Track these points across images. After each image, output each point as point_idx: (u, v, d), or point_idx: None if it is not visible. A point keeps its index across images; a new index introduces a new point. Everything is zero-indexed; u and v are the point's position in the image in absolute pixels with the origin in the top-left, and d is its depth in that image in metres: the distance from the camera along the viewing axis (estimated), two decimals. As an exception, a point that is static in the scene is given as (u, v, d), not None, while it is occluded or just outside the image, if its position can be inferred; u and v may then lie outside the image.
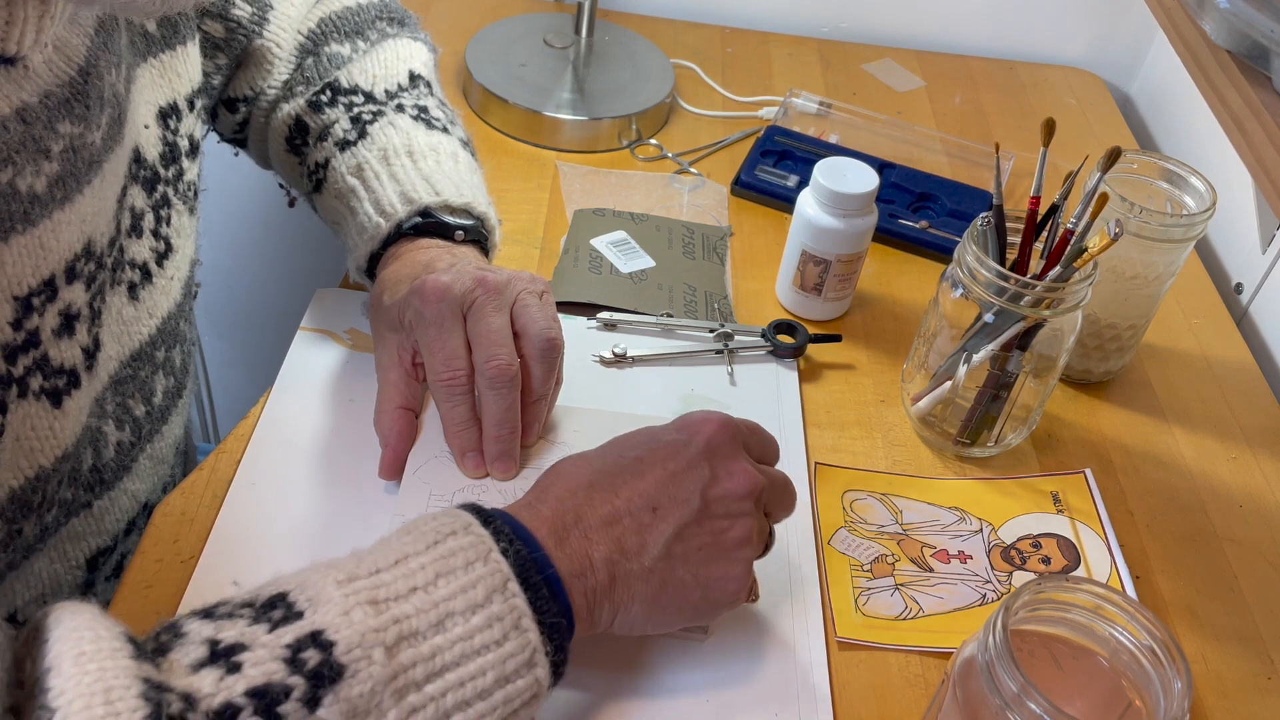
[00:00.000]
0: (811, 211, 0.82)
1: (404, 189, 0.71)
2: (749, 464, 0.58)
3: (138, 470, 0.68)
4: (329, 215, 0.76)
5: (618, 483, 0.55)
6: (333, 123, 0.76)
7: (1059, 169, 1.04)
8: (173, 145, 0.66)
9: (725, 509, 0.56)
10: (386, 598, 0.46)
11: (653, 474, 0.55)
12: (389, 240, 0.71)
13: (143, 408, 0.67)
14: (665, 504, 0.54)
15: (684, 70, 1.13)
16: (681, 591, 0.55)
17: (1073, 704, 0.52)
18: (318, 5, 0.80)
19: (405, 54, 0.80)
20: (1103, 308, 0.81)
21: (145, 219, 0.64)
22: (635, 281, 0.87)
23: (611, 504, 0.54)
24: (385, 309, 0.67)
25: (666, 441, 0.57)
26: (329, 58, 0.78)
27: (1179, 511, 0.77)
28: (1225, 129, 0.84)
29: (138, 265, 0.64)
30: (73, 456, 0.60)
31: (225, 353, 1.52)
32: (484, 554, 0.49)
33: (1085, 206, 0.70)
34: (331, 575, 0.47)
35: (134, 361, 0.65)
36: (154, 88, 0.64)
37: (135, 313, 0.64)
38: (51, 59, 0.52)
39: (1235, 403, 0.86)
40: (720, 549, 0.55)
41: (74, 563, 0.65)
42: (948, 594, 0.68)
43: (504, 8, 1.17)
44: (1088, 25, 1.23)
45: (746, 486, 0.56)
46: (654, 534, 0.54)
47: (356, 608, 0.45)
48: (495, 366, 0.63)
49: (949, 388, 0.75)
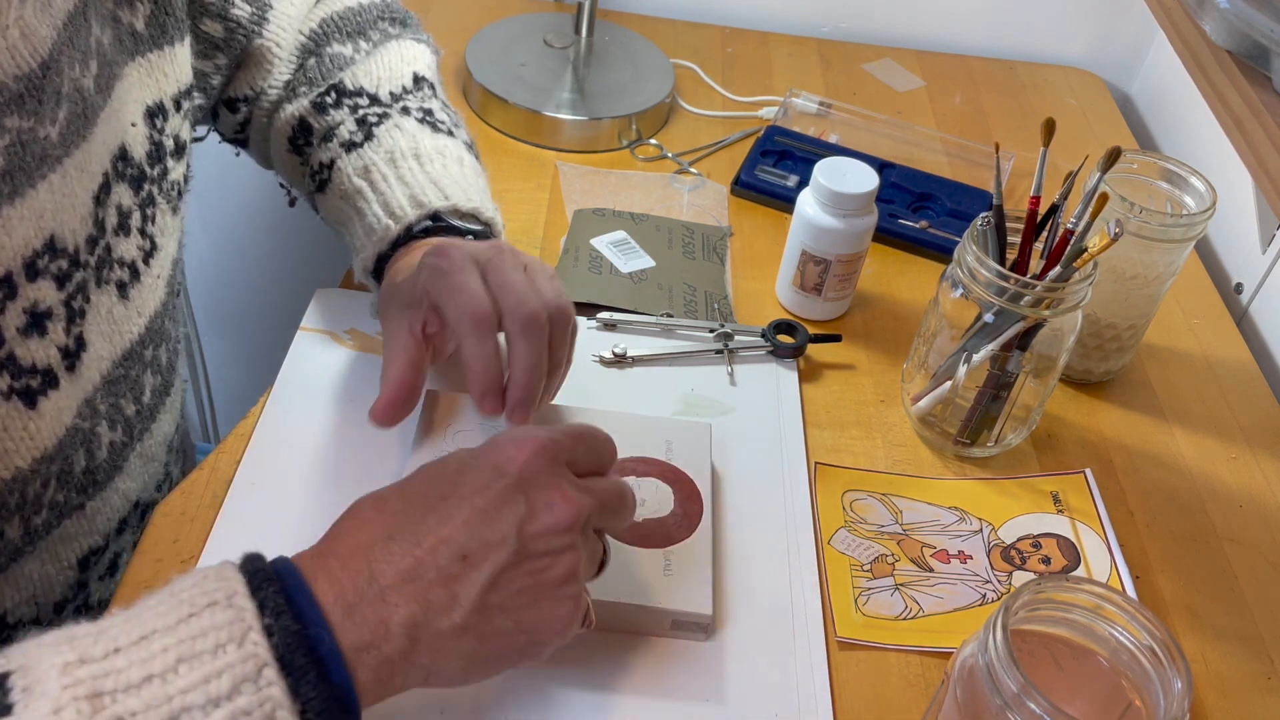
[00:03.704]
0: (811, 211, 0.82)
1: (413, 192, 0.71)
2: (571, 488, 0.51)
3: (129, 469, 0.68)
4: (333, 216, 0.76)
5: (421, 530, 0.49)
6: (338, 124, 0.76)
7: (1059, 169, 1.04)
8: (159, 145, 0.65)
9: (545, 546, 0.50)
10: (114, 688, 0.41)
11: (460, 515, 0.49)
12: (397, 243, 0.71)
13: (133, 407, 0.67)
14: (476, 549, 0.48)
15: (684, 70, 1.13)
16: (503, 640, 0.50)
17: (1073, 704, 0.52)
18: (319, 5, 0.80)
19: (409, 56, 0.80)
20: (1103, 308, 0.81)
21: (133, 217, 0.63)
22: (635, 281, 0.87)
23: (414, 555, 0.48)
24: (398, 286, 0.66)
25: (476, 474, 0.51)
26: (331, 58, 0.78)
27: (1179, 511, 0.77)
28: (1225, 129, 0.84)
29: (126, 263, 0.63)
30: (59, 458, 0.59)
31: (225, 353, 1.52)
32: (240, 635, 0.43)
33: (1085, 206, 0.70)
34: (62, 655, 0.42)
35: (125, 361, 0.65)
36: (142, 86, 0.64)
37: (126, 311, 0.64)
38: (16, 46, 0.51)
39: (1235, 403, 0.86)
40: (543, 590, 0.50)
41: (66, 563, 0.65)
42: (948, 594, 0.68)
43: (504, 8, 1.17)
44: (1088, 25, 1.23)
45: (569, 518, 0.50)
46: (465, 585, 0.48)
47: (70, 705, 0.40)
48: (528, 312, 0.60)
49: (949, 388, 0.75)
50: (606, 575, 0.62)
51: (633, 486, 0.67)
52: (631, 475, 0.68)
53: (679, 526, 0.66)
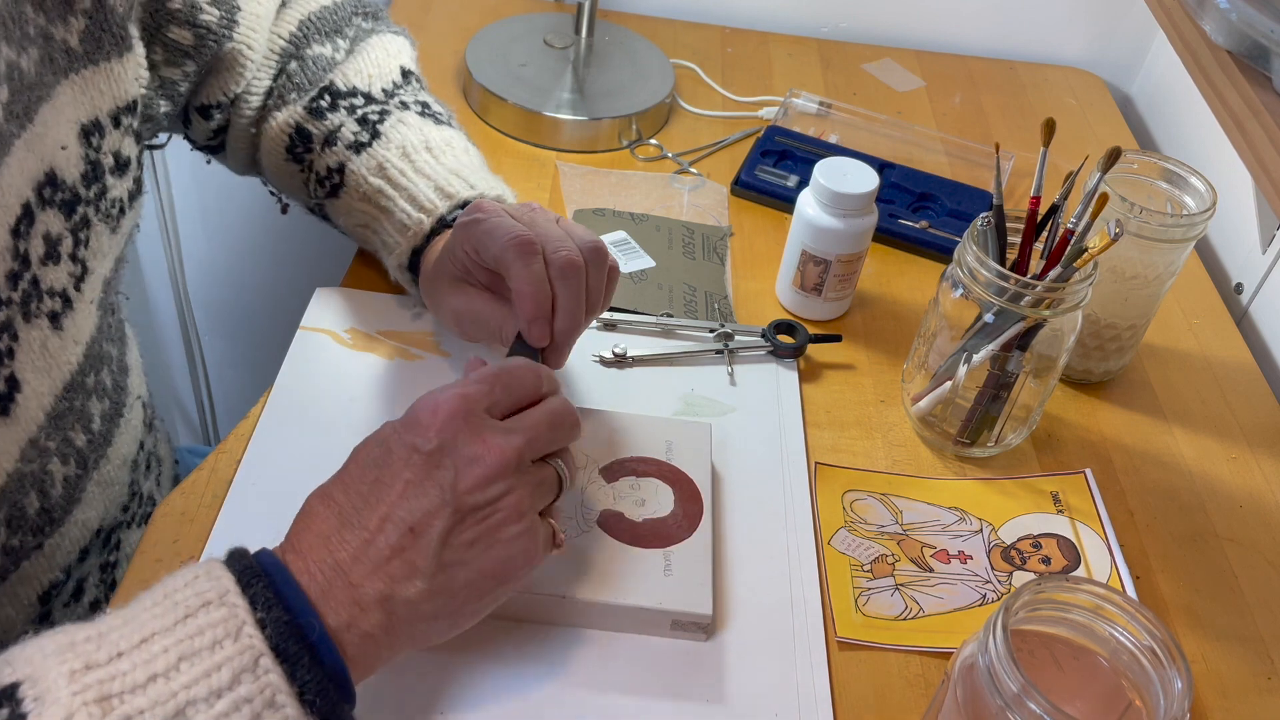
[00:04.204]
0: (811, 211, 0.82)
1: (437, 184, 0.72)
2: (494, 435, 0.53)
3: (87, 499, 0.67)
4: (353, 219, 0.76)
5: (365, 513, 0.52)
6: (338, 127, 0.75)
7: (1059, 169, 1.04)
8: (95, 164, 0.62)
9: (482, 497, 0.52)
10: (121, 690, 0.44)
11: (394, 490, 0.52)
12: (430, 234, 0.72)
13: (84, 437, 0.65)
14: (419, 519, 0.51)
15: (684, 70, 1.13)
16: (472, 589, 0.53)
17: (1073, 704, 0.52)
18: (289, 6, 0.79)
19: (393, 50, 0.80)
20: (1103, 308, 0.81)
21: (63, 243, 0.60)
22: (635, 281, 0.87)
23: (363, 538, 0.51)
24: (439, 257, 0.69)
25: (399, 449, 0.53)
26: (314, 60, 0.78)
27: (1179, 511, 0.77)
28: (1225, 129, 0.84)
29: (57, 292, 0.60)
30: (6, 504, 0.58)
31: (225, 353, 1.52)
32: (235, 630, 0.46)
33: (1085, 206, 0.70)
34: (68, 662, 0.44)
35: (68, 393, 0.63)
36: (75, 105, 0.61)
37: (61, 342, 0.61)
38: None
39: (1235, 403, 0.86)
40: (494, 537, 0.52)
41: (26, 602, 0.64)
42: (948, 594, 0.68)
43: (504, 8, 1.17)
44: (1088, 25, 1.23)
45: (496, 466, 0.52)
46: (418, 553, 0.51)
47: (81, 710, 0.43)
48: (566, 255, 0.62)
49: (949, 388, 0.75)
50: (607, 575, 0.62)
51: (633, 486, 0.68)
52: (631, 475, 0.68)
53: (679, 526, 0.66)
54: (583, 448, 0.69)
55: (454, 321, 0.70)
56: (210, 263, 1.44)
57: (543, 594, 0.61)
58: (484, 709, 0.58)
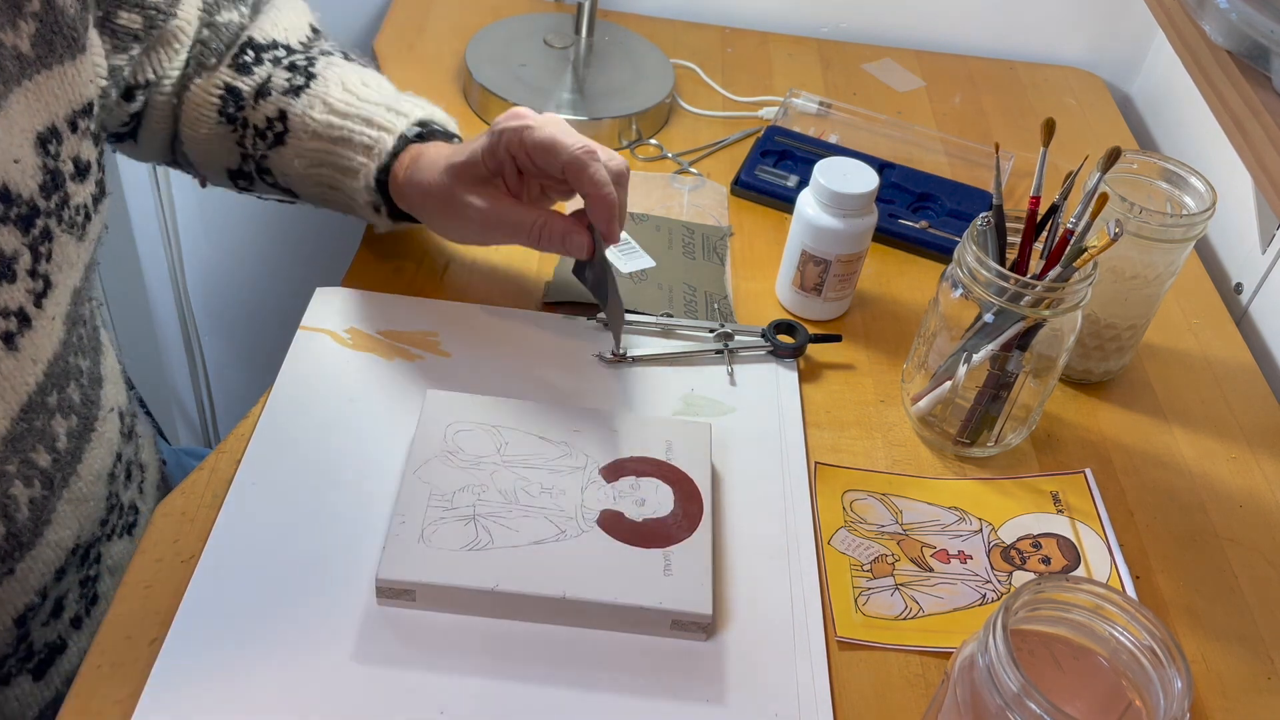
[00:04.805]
0: (811, 211, 0.82)
1: (388, 104, 0.75)
2: None
3: (58, 519, 0.65)
4: (304, 160, 0.76)
5: None
6: (267, 78, 0.76)
7: (1059, 169, 1.04)
8: (54, 172, 0.60)
9: None
10: None
11: None
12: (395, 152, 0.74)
13: (48, 457, 0.63)
14: None
15: (684, 70, 1.13)
16: None
17: (1073, 704, 0.52)
18: None
19: (298, 9, 0.83)
20: (1103, 308, 0.81)
21: (20, 261, 0.58)
22: (635, 281, 0.87)
23: None
24: (456, 164, 0.72)
25: None
26: (225, 26, 0.77)
27: (1179, 511, 0.77)
28: (1225, 129, 0.84)
29: (12, 313, 0.58)
30: None
31: (225, 353, 1.52)
32: None
33: (1085, 206, 0.70)
34: None
35: (26, 414, 0.61)
36: (30, 114, 0.58)
37: (16, 364, 0.59)
38: None
39: (1235, 403, 0.86)
40: None
41: (1, 626, 0.63)
42: (948, 594, 0.68)
43: (504, 8, 1.17)
44: (1088, 25, 1.23)
45: None
46: None
47: None
48: (620, 162, 0.71)
49: (949, 388, 0.75)
50: (607, 575, 0.62)
51: (633, 486, 0.68)
52: (631, 475, 0.68)
53: (679, 526, 0.66)
54: (583, 448, 0.70)
55: (477, 223, 0.73)
56: (210, 263, 1.44)
57: (543, 594, 0.61)
58: (484, 709, 0.58)
